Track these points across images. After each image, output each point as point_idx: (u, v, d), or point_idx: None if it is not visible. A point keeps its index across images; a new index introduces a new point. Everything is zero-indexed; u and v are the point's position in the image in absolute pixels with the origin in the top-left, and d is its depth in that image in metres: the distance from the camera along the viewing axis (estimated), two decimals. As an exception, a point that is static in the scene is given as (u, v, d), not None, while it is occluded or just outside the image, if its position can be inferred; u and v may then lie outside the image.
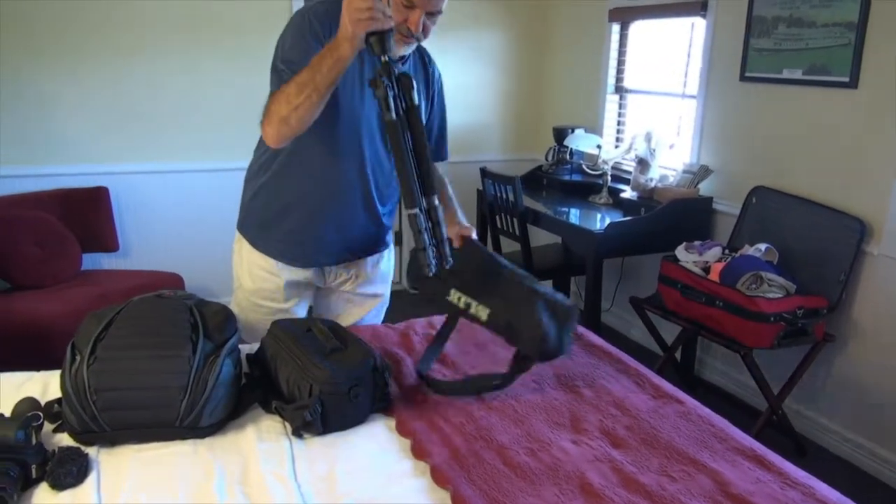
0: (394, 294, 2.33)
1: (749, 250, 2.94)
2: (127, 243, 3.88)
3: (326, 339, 1.64)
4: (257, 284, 2.03)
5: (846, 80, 2.81)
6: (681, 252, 3.08)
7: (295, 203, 1.93)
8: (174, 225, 3.98)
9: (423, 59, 1.99)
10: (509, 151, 4.82)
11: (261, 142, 1.91)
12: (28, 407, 1.44)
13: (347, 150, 1.87)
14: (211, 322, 1.60)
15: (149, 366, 1.45)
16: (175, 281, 3.53)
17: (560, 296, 1.71)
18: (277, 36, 1.80)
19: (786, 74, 3.05)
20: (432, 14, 1.71)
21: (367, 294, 2.19)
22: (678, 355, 3.49)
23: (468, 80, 4.58)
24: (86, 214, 3.63)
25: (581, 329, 2.20)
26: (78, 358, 1.45)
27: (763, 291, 2.71)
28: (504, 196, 3.73)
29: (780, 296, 2.70)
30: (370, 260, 2.15)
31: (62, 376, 1.45)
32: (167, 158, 3.90)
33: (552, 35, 4.68)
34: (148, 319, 1.55)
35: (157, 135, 3.85)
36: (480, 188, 4.04)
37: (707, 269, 2.95)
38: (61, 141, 3.69)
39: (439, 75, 2.04)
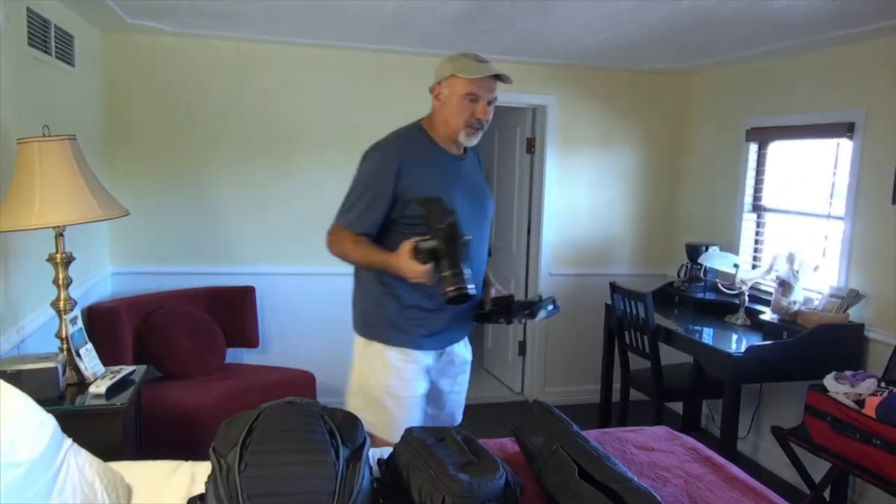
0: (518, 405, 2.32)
1: (910, 385, 2.70)
2: (266, 340, 4.10)
3: (460, 452, 1.64)
4: (392, 378, 2.18)
5: None
6: (830, 382, 2.87)
7: (417, 305, 2.17)
8: (310, 325, 4.18)
9: (475, 149, 2.33)
10: (639, 266, 4.75)
11: None
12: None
13: None
14: (343, 427, 1.65)
15: (298, 471, 1.48)
16: (307, 378, 3.67)
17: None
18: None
19: (945, 198, 2.88)
20: (491, 102, 2.11)
21: (465, 360, 2.41)
22: (827, 494, 3.18)
23: (600, 193, 4.63)
24: (233, 311, 3.90)
25: (720, 459, 2.08)
26: (225, 465, 1.50)
27: (928, 432, 2.46)
28: (634, 312, 3.67)
29: (949, 438, 2.44)
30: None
31: (213, 483, 1.50)
32: (309, 262, 4.13)
33: (686, 152, 4.68)
34: (288, 425, 1.61)
35: (303, 239, 4.12)
36: (609, 302, 3.99)
37: (861, 403, 2.72)
38: (221, 243, 4.05)
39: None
